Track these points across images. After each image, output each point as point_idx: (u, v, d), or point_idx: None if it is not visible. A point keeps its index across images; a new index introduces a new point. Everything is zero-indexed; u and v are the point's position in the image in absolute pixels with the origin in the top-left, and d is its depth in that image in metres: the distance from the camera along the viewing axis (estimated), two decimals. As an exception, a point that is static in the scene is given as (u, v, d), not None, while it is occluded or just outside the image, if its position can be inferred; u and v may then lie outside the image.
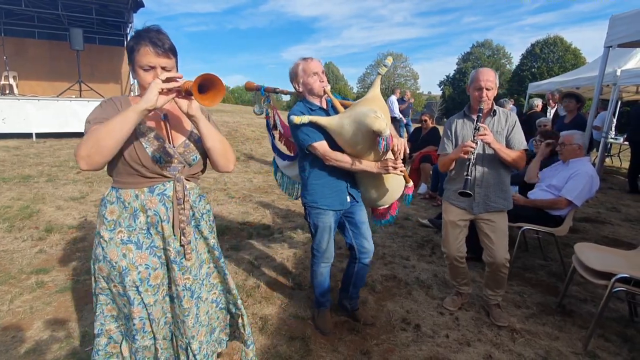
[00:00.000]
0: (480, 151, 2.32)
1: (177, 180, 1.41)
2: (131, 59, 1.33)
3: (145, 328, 1.46)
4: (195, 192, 1.50)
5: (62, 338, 2.19)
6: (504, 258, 2.37)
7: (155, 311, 1.46)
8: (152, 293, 1.43)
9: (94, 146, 1.18)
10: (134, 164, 1.33)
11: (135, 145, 1.31)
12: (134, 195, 1.36)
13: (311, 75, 2.05)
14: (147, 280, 1.41)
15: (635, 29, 4.14)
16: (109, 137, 1.18)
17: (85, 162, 1.19)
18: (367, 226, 2.30)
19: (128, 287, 1.38)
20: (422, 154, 5.94)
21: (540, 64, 34.62)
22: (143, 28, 1.34)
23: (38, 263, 3.08)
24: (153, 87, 1.18)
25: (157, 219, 1.39)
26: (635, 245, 3.16)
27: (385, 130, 1.82)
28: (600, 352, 2.22)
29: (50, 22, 10.40)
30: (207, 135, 1.35)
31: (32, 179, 5.50)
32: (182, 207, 1.42)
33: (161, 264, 1.45)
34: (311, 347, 2.18)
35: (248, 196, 5.33)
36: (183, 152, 1.41)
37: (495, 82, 2.26)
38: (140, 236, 1.39)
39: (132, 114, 1.18)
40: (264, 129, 10.84)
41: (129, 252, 1.38)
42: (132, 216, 1.37)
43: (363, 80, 51.71)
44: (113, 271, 1.38)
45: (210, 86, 1.18)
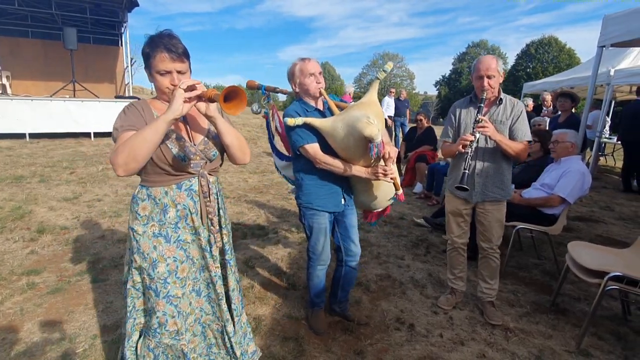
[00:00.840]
0: (482, 143, 2.31)
1: (201, 175, 1.52)
2: (147, 64, 1.42)
3: (167, 325, 1.52)
4: (217, 186, 1.62)
5: (54, 340, 2.16)
6: (494, 244, 2.44)
7: (182, 304, 1.54)
8: (180, 285, 1.52)
9: (129, 155, 1.26)
10: (161, 164, 1.43)
11: (161, 148, 1.40)
12: (164, 192, 1.48)
13: (308, 76, 2.04)
14: (175, 272, 1.51)
15: (628, 28, 4.16)
16: (143, 147, 1.26)
17: (122, 169, 1.27)
18: (356, 230, 2.29)
19: (156, 279, 1.47)
20: (418, 153, 5.96)
21: (535, 64, 34.76)
22: (156, 34, 1.41)
23: (29, 264, 3.05)
24: (178, 97, 1.26)
25: (187, 212, 1.51)
26: (628, 243, 3.18)
27: (376, 137, 1.80)
28: (594, 350, 2.22)
29: (43, 21, 10.34)
30: (225, 132, 1.44)
31: (25, 179, 5.45)
32: (209, 200, 1.54)
33: (187, 257, 1.54)
34: (305, 347, 2.17)
35: (243, 196, 5.31)
36: (204, 149, 1.51)
37: (498, 69, 2.21)
38: (169, 230, 1.50)
39: (162, 124, 1.27)
40: (259, 129, 10.83)
41: (159, 245, 1.49)
42: (163, 211, 1.48)
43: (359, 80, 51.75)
44: (144, 262, 1.48)
45: (234, 96, 1.27)
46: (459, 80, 41.42)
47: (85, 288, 2.72)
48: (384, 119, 2.04)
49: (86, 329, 2.26)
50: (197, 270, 1.58)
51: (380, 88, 2.32)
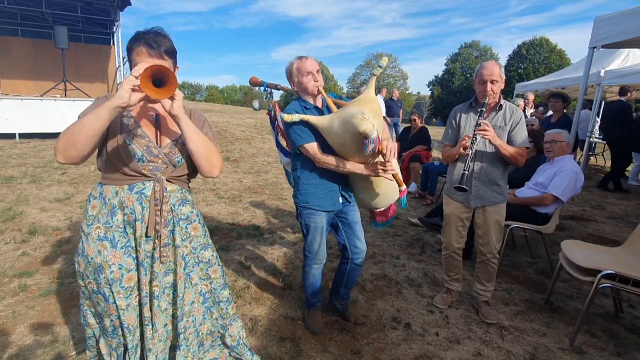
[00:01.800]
0: (481, 146, 2.32)
1: (157, 180, 1.40)
2: (129, 58, 1.35)
3: (121, 328, 1.44)
4: (177, 196, 1.47)
5: (47, 343, 2.13)
6: (494, 248, 2.43)
7: (128, 317, 1.41)
8: (125, 296, 1.39)
9: (69, 140, 1.19)
10: (115, 160, 1.34)
11: (118, 143, 1.32)
12: (114, 191, 1.38)
13: (305, 74, 2.04)
14: (120, 281, 1.38)
15: (619, 30, 4.22)
16: (81, 132, 1.19)
17: (61, 155, 1.21)
18: (360, 226, 2.29)
19: (102, 285, 1.37)
20: (412, 153, 5.98)
21: (527, 65, 35.14)
22: (144, 29, 1.36)
23: (21, 266, 3.01)
24: (125, 84, 1.16)
25: (133, 217, 1.39)
26: (619, 242, 3.22)
27: (371, 133, 1.79)
28: (587, 347, 2.25)
29: (34, 19, 10.19)
30: (189, 137, 1.34)
31: (15, 180, 5.37)
32: (159, 209, 1.40)
33: (136, 265, 1.42)
34: (301, 347, 2.17)
35: (238, 196, 5.29)
36: (168, 153, 1.42)
37: (501, 75, 2.24)
38: (117, 234, 1.38)
39: (103, 110, 1.18)
40: (253, 129, 10.79)
41: (103, 249, 1.37)
42: (110, 213, 1.38)
43: (353, 80, 51.86)
44: (89, 267, 1.38)
45: (165, 79, 1.18)
46: (452, 81, 41.69)
47: (78, 290, 2.68)
48: (382, 115, 2.04)
49: (80, 331, 2.23)
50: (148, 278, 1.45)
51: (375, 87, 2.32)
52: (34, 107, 8.27)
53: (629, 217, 4.99)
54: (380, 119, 1.97)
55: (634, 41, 4.34)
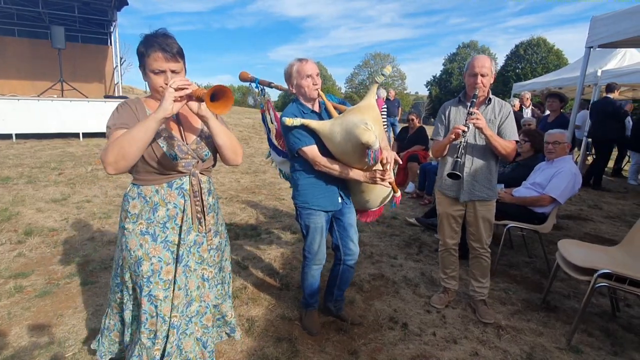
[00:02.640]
0: (471, 140, 2.33)
1: (192, 174, 1.53)
2: (142, 63, 1.42)
3: (146, 324, 1.51)
4: (206, 187, 1.61)
5: (42, 344, 2.12)
6: (485, 242, 2.46)
7: (164, 308, 1.50)
8: (163, 288, 1.50)
9: (119, 153, 1.26)
10: (152, 162, 1.43)
11: (153, 146, 1.41)
12: (154, 190, 1.49)
13: (304, 77, 2.02)
14: (159, 273, 1.49)
15: (615, 29, 4.24)
16: (132, 144, 1.26)
17: (112, 167, 1.27)
18: (355, 229, 2.29)
19: (140, 276, 1.48)
20: (410, 153, 5.98)
21: (525, 65, 35.22)
22: (151, 33, 1.42)
23: (17, 267, 2.99)
24: (167, 96, 1.26)
25: (177, 211, 1.51)
26: (616, 241, 3.23)
27: (374, 144, 1.79)
28: (584, 347, 2.25)
29: (30, 19, 10.16)
30: (217, 132, 1.44)
31: (12, 180, 5.35)
32: (199, 199, 1.55)
33: (173, 260, 1.53)
34: (298, 348, 2.16)
35: (235, 196, 5.28)
36: (196, 149, 1.52)
37: (491, 68, 2.25)
38: (157, 229, 1.50)
39: (152, 123, 1.27)
40: (251, 129, 10.79)
41: (145, 243, 1.48)
42: (152, 210, 1.49)
43: (351, 80, 51.88)
44: (130, 260, 1.49)
45: (221, 95, 1.27)
46: (450, 81, 41.77)
47: (74, 291, 2.67)
48: (382, 122, 2.04)
49: (76, 332, 2.23)
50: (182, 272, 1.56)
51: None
52: (30, 107, 8.24)
53: (626, 216, 5.01)
54: (381, 127, 1.97)
55: (631, 41, 4.35)
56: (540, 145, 3.75)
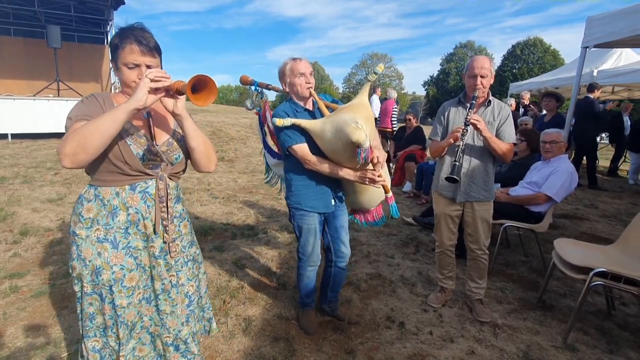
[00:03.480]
0: (469, 141, 2.33)
1: (160, 178, 1.41)
2: (115, 56, 1.33)
3: (113, 329, 1.44)
4: (174, 193, 1.50)
5: (38, 344, 2.11)
6: (483, 244, 2.46)
7: (127, 314, 1.42)
8: (126, 295, 1.40)
9: (80, 144, 1.15)
10: (117, 161, 1.31)
11: (119, 144, 1.29)
12: (115, 193, 1.36)
13: (298, 75, 2.02)
14: (122, 281, 1.39)
15: (611, 29, 4.26)
16: (96, 135, 1.15)
17: (69, 159, 1.16)
18: (347, 231, 2.29)
19: (100, 285, 1.37)
20: (407, 152, 6.00)
21: (521, 65, 35.39)
22: (127, 26, 1.34)
23: (12, 267, 2.97)
24: (142, 86, 1.17)
25: (139, 216, 1.39)
26: (612, 240, 3.25)
27: (364, 142, 1.78)
28: (580, 345, 2.26)
29: (26, 18, 10.09)
30: (191, 134, 1.36)
31: (7, 180, 5.31)
32: (165, 205, 1.43)
33: (137, 266, 1.43)
34: (295, 347, 2.16)
35: (232, 196, 5.27)
36: (166, 151, 1.41)
37: (491, 69, 2.25)
38: (117, 235, 1.38)
39: (120, 113, 1.16)
40: (248, 129, 10.76)
41: (104, 251, 1.36)
42: (111, 214, 1.36)
43: (348, 80, 51.92)
44: (85, 270, 1.37)
45: (203, 86, 1.18)
46: (447, 81, 41.90)
47: (70, 291, 2.66)
48: (374, 121, 2.03)
49: (72, 333, 2.21)
50: (148, 277, 1.47)
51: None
52: (26, 107, 8.18)
53: (622, 215, 5.04)
54: (372, 126, 1.96)
55: (626, 41, 4.38)
56: (537, 144, 3.76)
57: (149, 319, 1.52)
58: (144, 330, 1.52)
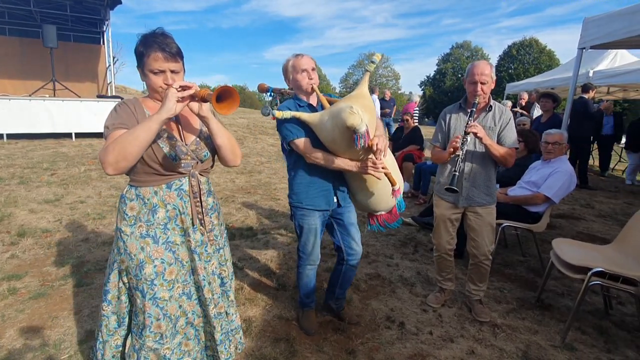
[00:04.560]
0: (471, 147, 2.33)
1: (192, 175, 1.52)
2: (140, 63, 1.41)
3: (151, 327, 1.50)
4: (205, 187, 1.60)
5: (36, 346, 2.10)
6: (487, 250, 2.43)
7: (170, 307, 1.51)
8: (167, 288, 1.50)
9: (120, 153, 1.24)
10: (152, 163, 1.42)
11: (153, 147, 1.39)
12: (153, 192, 1.47)
13: (300, 72, 2.04)
14: (162, 274, 1.48)
15: (607, 31, 4.30)
16: (134, 144, 1.25)
17: (112, 168, 1.26)
18: (356, 228, 2.28)
19: (143, 280, 1.46)
20: (404, 153, 6.01)
21: (517, 65, 35.56)
22: (150, 32, 1.42)
23: (10, 269, 2.96)
24: (170, 97, 1.26)
25: (177, 212, 1.50)
26: (608, 240, 3.27)
27: (359, 127, 1.76)
28: (578, 344, 2.28)
29: (21, 18, 10.03)
30: (217, 133, 1.45)
31: (3, 181, 5.28)
32: (198, 200, 1.54)
33: (175, 260, 1.52)
34: (296, 347, 2.17)
35: (231, 197, 5.26)
36: (195, 149, 1.51)
37: (492, 75, 2.25)
38: (158, 231, 1.48)
39: (154, 123, 1.26)
40: (246, 129, 10.76)
41: (146, 246, 1.47)
42: (151, 212, 1.47)
43: (345, 80, 51.97)
44: (131, 263, 1.47)
45: (228, 96, 1.27)
46: (443, 81, 42.01)
47: (69, 292, 2.65)
48: (374, 111, 2.00)
49: (71, 334, 2.21)
50: (187, 272, 1.56)
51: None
52: (22, 107, 8.13)
53: (617, 215, 5.08)
54: (372, 115, 1.93)
55: (622, 42, 4.42)
56: (534, 145, 3.79)
57: (192, 314, 1.61)
58: (189, 326, 1.61)
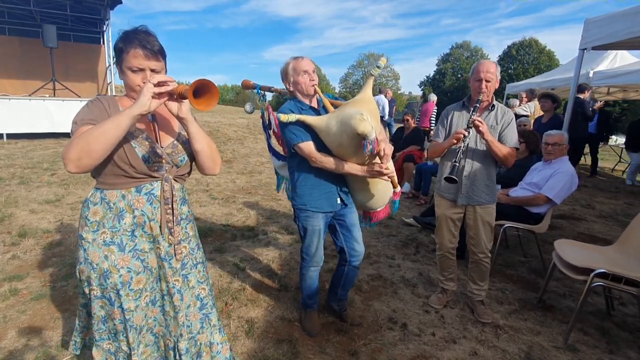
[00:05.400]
0: (472, 144, 2.34)
1: (165, 180, 1.41)
2: (119, 60, 1.33)
3: (124, 333, 1.44)
4: (180, 195, 1.49)
5: (38, 347, 2.09)
6: (484, 247, 2.46)
7: (135, 318, 1.43)
8: (134, 298, 1.41)
9: (84, 149, 1.15)
10: (122, 164, 1.32)
11: (124, 146, 1.30)
12: (120, 195, 1.36)
13: (301, 73, 2.03)
14: (129, 284, 1.39)
15: (608, 32, 4.30)
16: (100, 141, 1.16)
17: (74, 164, 1.17)
18: (358, 229, 2.28)
19: (109, 289, 1.37)
20: (405, 153, 6.01)
21: (517, 65, 35.58)
22: (131, 29, 1.33)
23: (11, 269, 2.95)
24: (146, 91, 1.17)
25: (145, 218, 1.39)
26: (609, 240, 3.28)
27: (370, 134, 1.78)
28: (580, 345, 2.28)
29: (21, 17, 10.00)
30: (196, 137, 1.36)
31: (3, 181, 5.27)
32: (170, 207, 1.43)
33: (144, 268, 1.43)
34: (299, 349, 2.16)
35: (231, 197, 5.26)
36: (171, 153, 1.42)
37: (496, 74, 2.27)
38: (124, 238, 1.38)
39: (125, 119, 1.17)
40: (246, 129, 10.74)
41: (110, 254, 1.37)
42: (117, 217, 1.37)
43: (345, 80, 51.96)
44: (93, 273, 1.37)
45: (205, 91, 1.18)
46: (443, 81, 41.99)
47: (71, 293, 2.64)
48: (379, 116, 2.04)
49: (72, 335, 2.20)
50: (154, 280, 1.47)
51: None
52: (21, 107, 8.12)
53: (618, 215, 5.08)
54: (378, 120, 1.97)
55: (623, 43, 4.42)
56: (535, 146, 3.79)
57: (153, 320, 1.53)
58: (148, 332, 1.53)
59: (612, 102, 17.09)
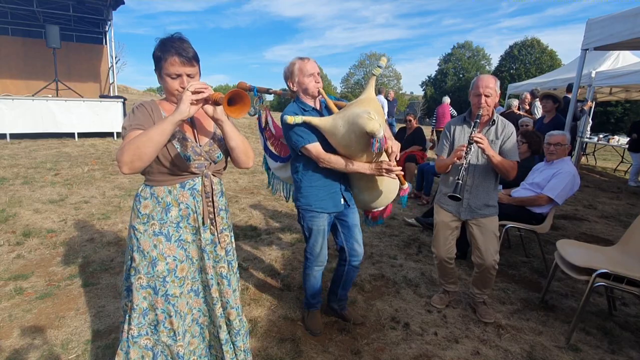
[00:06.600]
0: (474, 159, 2.36)
1: (205, 175, 1.55)
2: (158, 67, 1.45)
3: (165, 323, 1.52)
4: (218, 188, 1.63)
5: (45, 347, 2.11)
6: (493, 260, 2.42)
7: (179, 304, 1.54)
8: (178, 285, 1.53)
9: (135, 153, 1.28)
10: (166, 163, 1.46)
11: (167, 147, 1.43)
12: (167, 191, 1.51)
13: (307, 75, 2.05)
14: (174, 271, 1.52)
15: (610, 32, 4.30)
16: (148, 145, 1.29)
17: (128, 167, 1.29)
18: (359, 229, 2.30)
19: (155, 277, 1.49)
20: (407, 153, 6.01)
21: (518, 66, 35.49)
22: (167, 37, 1.46)
23: (16, 269, 2.97)
24: (185, 99, 1.29)
25: (189, 211, 1.54)
26: (611, 240, 3.28)
27: (378, 132, 1.81)
28: (582, 345, 2.29)
29: (25, 18, 10.07)
30: (230, 135, 1.48)
31: (7, 181, 5.30)
32: (210, 200, 1.57)
33: (187, 257, 1.56)
34: (302, 348, 2.18)
35: (234, 197, 5.27)
36: (208, 151, 1.55)
37: (496, 89, 2.28)
38: (170, 229, 1.52)
39: (168, 125, 1.30)
40: (247, 129, 10.77)
41: (159, 244, 1.50)
42: (165, 210, 1.51)
43: (346, 80, 51.96)
44: (143, 261, 1.49)
45: (238, 100, 1.30)
46: (445, 81, 41.96)
47: (75, 292, 2.67)
48: (384, 115, 2.06)
49: (78, 334, 2.22)
50: (195, 270, 1.59)
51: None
52: (25, 107, 8.17)
53: (620, 216, 5.08)
54: (383, 118, 1.99)
55: (625, 43, 4.42)
56: (537, 146, 3.79)
57: (197, 310, 1.64)
58: (194, 323, 1.64)
59: (615, 102, 17.07)
